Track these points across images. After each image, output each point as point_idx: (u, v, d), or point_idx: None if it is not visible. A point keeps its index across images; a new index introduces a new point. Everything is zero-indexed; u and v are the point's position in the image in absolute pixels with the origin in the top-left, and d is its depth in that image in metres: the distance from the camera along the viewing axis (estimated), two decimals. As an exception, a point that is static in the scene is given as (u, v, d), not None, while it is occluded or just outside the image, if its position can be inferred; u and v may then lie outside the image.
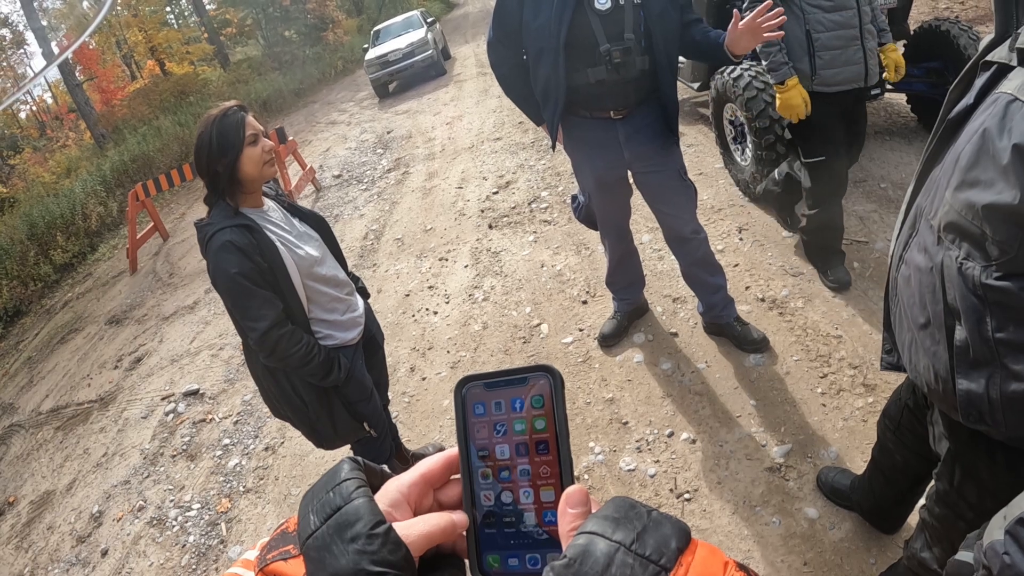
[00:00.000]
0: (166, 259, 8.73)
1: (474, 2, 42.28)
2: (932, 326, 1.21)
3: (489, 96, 10.97)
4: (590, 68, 2.77)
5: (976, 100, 1.16)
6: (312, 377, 2.28)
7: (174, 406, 4.82)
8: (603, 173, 3.07)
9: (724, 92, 4.49)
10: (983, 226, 1.05)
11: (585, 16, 2.71)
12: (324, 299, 2.37)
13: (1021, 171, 0.97)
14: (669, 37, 2.77)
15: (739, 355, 3.29)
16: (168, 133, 15.90)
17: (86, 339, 7.15)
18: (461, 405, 0.55)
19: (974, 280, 1.08)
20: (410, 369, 4.09)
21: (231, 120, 2.14)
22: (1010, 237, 1.01)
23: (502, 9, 2.91)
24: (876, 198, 4.30)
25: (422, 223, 6.45)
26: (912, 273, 1.27)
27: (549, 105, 2.92)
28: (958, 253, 1.12)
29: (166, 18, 30.30)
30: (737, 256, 4.12)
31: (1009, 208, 0.99)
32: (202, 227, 2.15)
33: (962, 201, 1.09)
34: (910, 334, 1.32)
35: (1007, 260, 1.03)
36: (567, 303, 4.22)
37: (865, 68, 3.14)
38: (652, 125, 2.95)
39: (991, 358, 1.10)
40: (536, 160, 7.01)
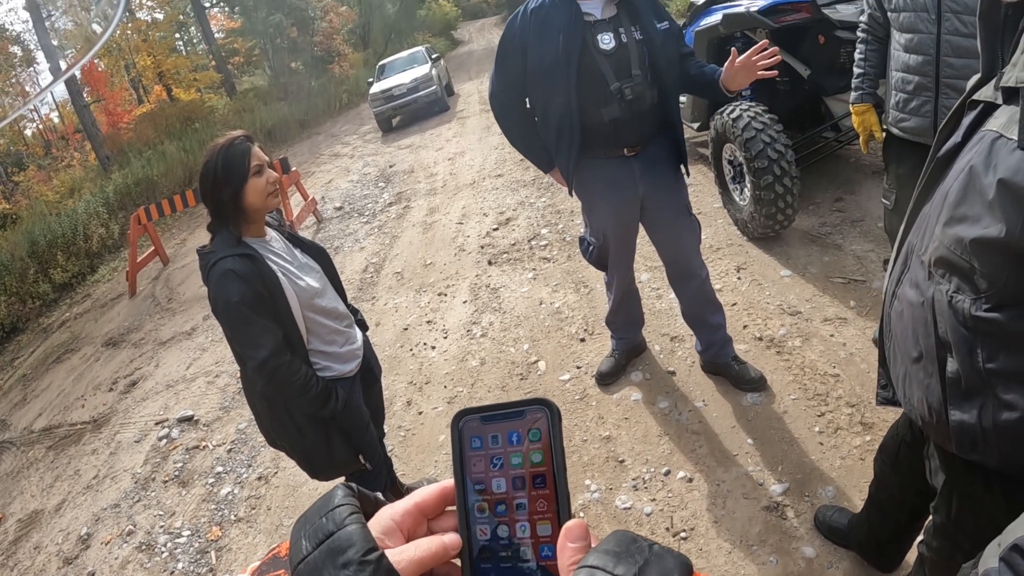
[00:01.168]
0: (166, 284, 8.75)
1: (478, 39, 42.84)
2: (925, 359, 1.25)
3: (491, 133, 11.08)
4: (603, 108, 2.82)
5: (963, 138, 1.20)
6: (309, 407, 2.29)
7: (168, 431, 4.82)
8: (621, 211, 3.10)
9: (723, 132, 4.57)
10: (972, 260, 1.08)
11: (591, 57, 2.78)
12: (323, 330, 2.39)
13: (1007, 205, 1.00)
14: (672, 68, 2.86)
15: (736, 394, 3.32)
16: (172, 158, 15.99)
17: (82, 360, 7.14)
18: (458, 438, 0.55)
19: (964, 312, 1.11)
20: (407, 403, 4.10)
21: (237, 149, 2.17)
22: (997, 270, 1.04)
23: (505, 58, 2.98)
24: (873, 237, 4.36)
25: (422, 258, 6.50)
26: (904, 308, 1.31)
27: (563, 149, 2.95)
28: (948, 287, 1.15)
29: (175, 44, 30.65)
30: (735, 295, 4.17)
31: (996, 242, 1.02)
32: (204, 254, 2.18)
33: (951, 237, 1.13)
34: (903, 368, 1.35)
35: (995, 292, 1.06)
36: (565, 341, 4.25)
37: (934, 126, 2.86)
38: (664, 158, 3.02)
39: (983, 388, 1.13)
40: (536, 197, 7.09)
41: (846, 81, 4.69)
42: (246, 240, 2.21)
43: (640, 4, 2.81)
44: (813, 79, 4.73)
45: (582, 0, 2.80)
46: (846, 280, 3.99)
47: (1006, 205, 1.00)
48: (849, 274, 4.04)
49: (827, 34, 4.56)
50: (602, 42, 2.78)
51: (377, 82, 16.45)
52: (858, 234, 4.46)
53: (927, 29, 2.80)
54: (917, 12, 2.81)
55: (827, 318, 3.70)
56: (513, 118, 3.11)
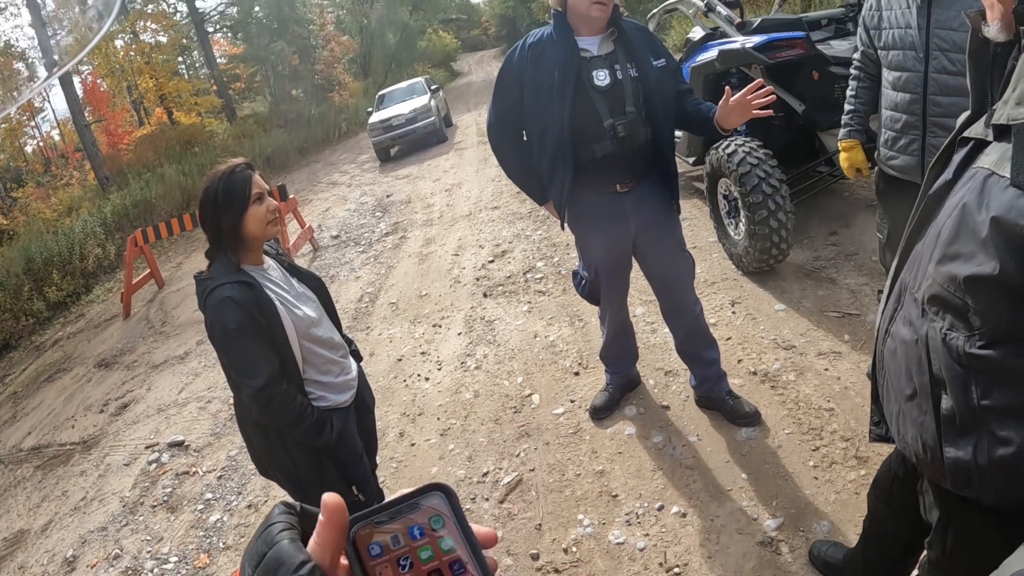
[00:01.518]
0: (160, 307, 8.75)
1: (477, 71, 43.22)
2: (919, 397, 1.25)
3: (488, 165, 11.17)
4: (595, 144, 2.86)
5: (954, 175, 1.21)
6: (304, 437, 2.28)
7: (158, 456, 4.79)
8: (613, 246, 3.14)
9: (719, 167, 4.62)
10: (965, 297, 1.09)
11: (586, 94, 2.82)
12: (319, 360, 2.39)
13: (1000, 243, 1.01)
14: (667, 106, 2.90)
15: (731, 429, 3.33)
16: (171, 181, 16.03)
17: (74, 380, 7.12)
18: (353, 552, 0.50)
19: (958, 350, 1.12)
20: (399, 434, 4.10)
21: (238, 177, 2.18)
22: (991, 307, 1.06)
23: (502, 92, 3.03)
24: (867, 271, 4.41)
25: (417, 288, 6.52)
26: (898, 346, 1.31)
27: (556, 183, 3.00)
28: (942, 324, 1.16)
29: (178, 68, 30.82)
30: (730, 329, 4.20)
31: (990, 279, 1.03)
32: (202, 281, 2.19)
33: (944, 274, 1.14)
34: (897, 405, 1.35)
35: (989, 329, 1.08)
36: (559, 374, 4.26)
37: (922, 165, 2.90)
38: (657, 195, 3.05)
39: (978, 425, 1.13)
40: (532, 230, 7.15)
41: (840, 116, 4.80)
42: (244, 268, 2.22)
43: (637, 41, 2.86)
44: (807, 114, 4.82)
45: (579, 36, 2.85)
46: (840, 314, 4.03)
47: (999, 243, 1.01)
48: (843, 308, 4.08)
49: (821, 70, 4.64)
50: (597, 78, 2.82)
51: (376, 112, 16.59)
52: (852, 268, 4.52)
53: (915, 67, 2.84)
54: (905, 50, 2.86)
55: (821, 352, 3.73)
56: (509, 150, 3.16)
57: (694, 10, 5.80)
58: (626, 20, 2.93)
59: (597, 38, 2.86)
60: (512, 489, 3.35)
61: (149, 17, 26.75)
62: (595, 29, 2.85)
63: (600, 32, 2.86)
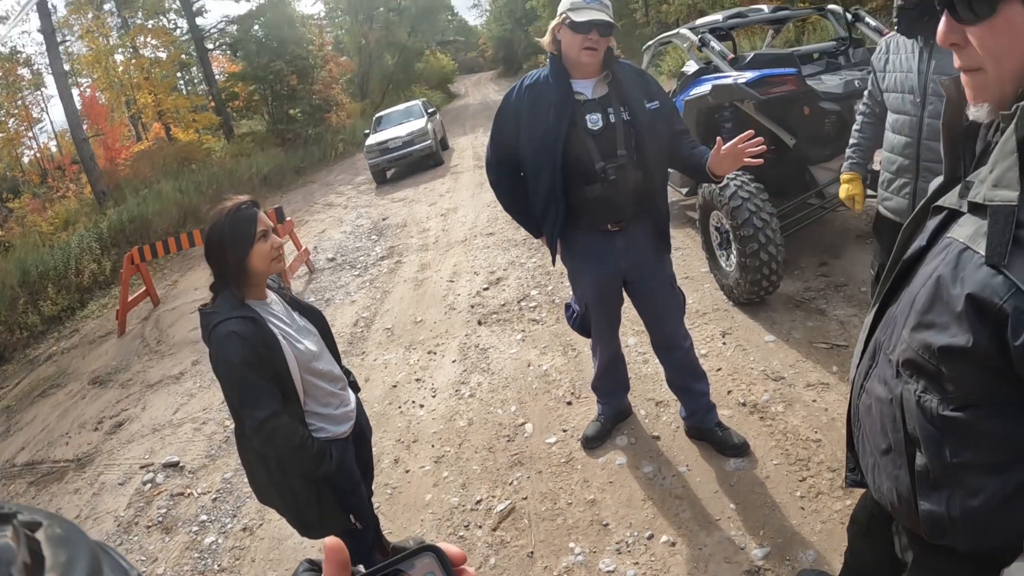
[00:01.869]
0: (155, 325, 8.77)
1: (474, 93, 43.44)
2: (893, 452, 1.29)
3: (484, 190, 11.23)
4: (587, 185, 2.95)
5: (928, 242, 1.25)
6: (304, 468, 2.33)
7: (152, 476, 4.81)
8: (602, 284, 3.23)
9: (711, 200, 4.73)
10: (939, 365, 1.13)
11: (579, 136, 2.90)
12: (320, 393, 2.45)
13: (974, 318, 1.05)
14: (660, 149, 2.98)
15: (720, 459, 3.39)
16: (168, 198, 16.09)
17: (68, 396, 7.14)
18: None
19: (932, 412, 1.16)
20: (394, 461, 4.14)
21: (244, 214, 2.25)
22: (964, 375, 1.10)
23: (499, 131, 3.13)
24: (856, 302, 4.49)
25: (413, 314, 6.57)
26: (873, 403, 1.35)
27: (548, 222, 3.09)
28: (916, 387, 1.20)
29: (177, 84, 30.94)
30: (720, 360, 4.27)
31: (963, 350, 1.07)
32: (207, 314, 2.24)
33: (919, 341, 1.17)
34: (872, 458, 1.39)
35: (961, 394, 1.12)
36: (552, 403, 4.32)
37: (912, 207, 2.90)
38: (647, 235, 3.13)
39: (950, 480, 1.17)
40: (527, 258, 7.22)
41: (830, 150, 4.90)
42: (248, 303, 2.28)
43: (631, 84, 2.94)
44: (799, 148, 4.92)
45: (574, 79, 2.94)
46: (829, 345, 4.11)
47: (973, 318, 1.05)
48: (832, 339, 4.16)
49: (812, 105, 4.73)
50: (590, 122, 2.91)
51: (373, 134, 16.76)
52: (842, 299, 4.61)
53: (912, 112, 2.91)
54: (904, 94, 2.95)
55: (810, 383, 3.80)
56: (506, 186, 3.26)
57: (688, 44, 5.90)
58: (622, 62, 3.02)
59: (591, 81, 2.95)
60: (505, 517, 3.41)
61: (149, 32, 26.96)
62: (589, 73, 2.94)
63: (594, 75, 2.95)
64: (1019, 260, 0.99)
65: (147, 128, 28.29)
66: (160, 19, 27.95)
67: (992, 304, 1.02)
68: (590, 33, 2.78)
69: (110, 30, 26.45)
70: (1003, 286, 1.00)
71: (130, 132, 27.19)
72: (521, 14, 45.90)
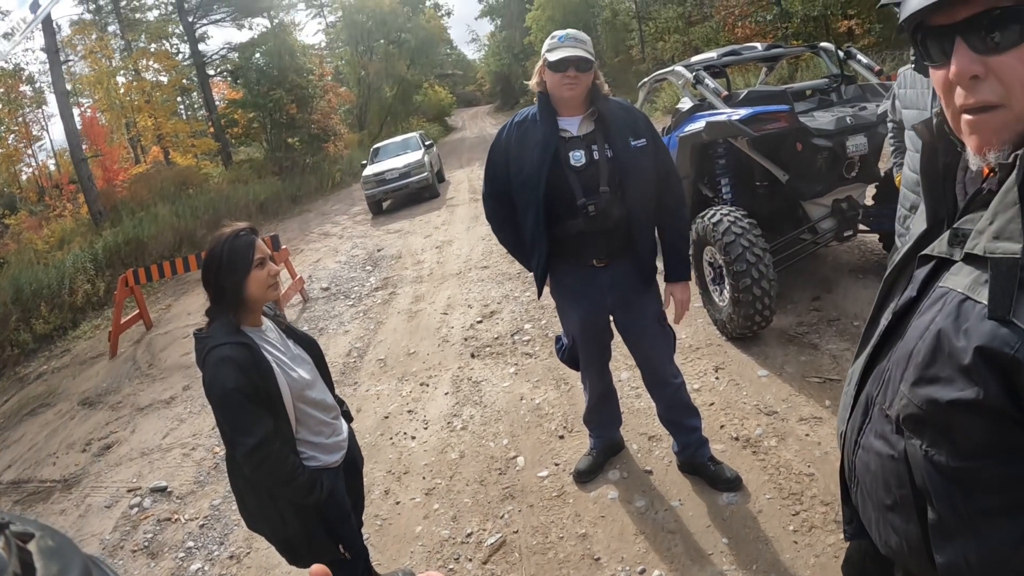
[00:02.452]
0: (147, 348, 8.75)
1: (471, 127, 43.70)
2: (900, 507, 1.25)
3: (479, 223, 11.28)
4: (569, 220, 3.02)
5: (919, 292, 1.22)
6: (294, 496, 2.32)
7: (140, 500, 4.78)
8: (587, 318, 3.27)
9: (704, 235, 4.76)
10: (947, 418, 1.09)
11: (562, 172, 2.98)
12: (312, 422, 2.45)
13: (984, 371, 1.01)
14: (644, 186, 3.03)
15: (712, 493, 3.38)
16: (164, 222, 16.10)
17: (57, 415, 7.11)
18: None
19: (942, 465, 1.12)
20: (384, 492, 4.12)
21: (242, 241, 2.27)
22: (974, 427, 1.06)
23: (492, 167, 3.22)
24: (849, 336, 4.52)
25: (406, 346, 6.57)
26: (871, 459, 1.31)
27: (534, 256, 3.17)
28: (922, 442, 1.15)
29: (177, 108, 31.15)
30: (713, 395, 4.28)
31: (973, 403, 1.04)
32: (202, 339, 2.25)
33: (922, 396, 1.13)
34: (877, 514, 1.34)
35: (972, 445, 1.08)
36: (544, 437, 4.31)
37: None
38: (634, 271, 3.17)
39: (966, 529, 1.13)
40: (521, 292, 7.24)
41: (822, 186, 4.97)
42: (244, 329, 2.29)
43: (617, 121, 3.01)
44: (791, 184, 5.00)
45: (561, 117, 3.02)
46: (822, 379, 4.13)
47: (983, 370, 1.02)
48: (825, 373, 4.19)
49: (805, 141, 4.81)
50: (573, 158, 2.98)
51: (370, 165, 16.87)
52: (834, 333, 4.65)
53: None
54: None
55: (803, 417, 3.81)
56: (501, 220, 3.33)
57: (683, 81, 5.99)
58: (611, 100, 3.09)
59: (577, 119, 3.03)
60: (496, 550, 3.39)
61: (152, 56, 27.20)
62: (575, 110, 3.02)
63: (580, 113, 3.03)
64: None
65: (146, 151, 28.37)
66: (163, 43, 28.27)
67: (1004, 355, 0.99)
68: (567, 71, 2.88)
69: (113, 52, 26.71)
70: (1013, 336, 0.98)
71: (129, 154, 27.23)
72: (519, 49, 46.44)
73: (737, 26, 22.54)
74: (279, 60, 27.08)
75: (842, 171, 4.96)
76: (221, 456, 4.89)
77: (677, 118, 6.19)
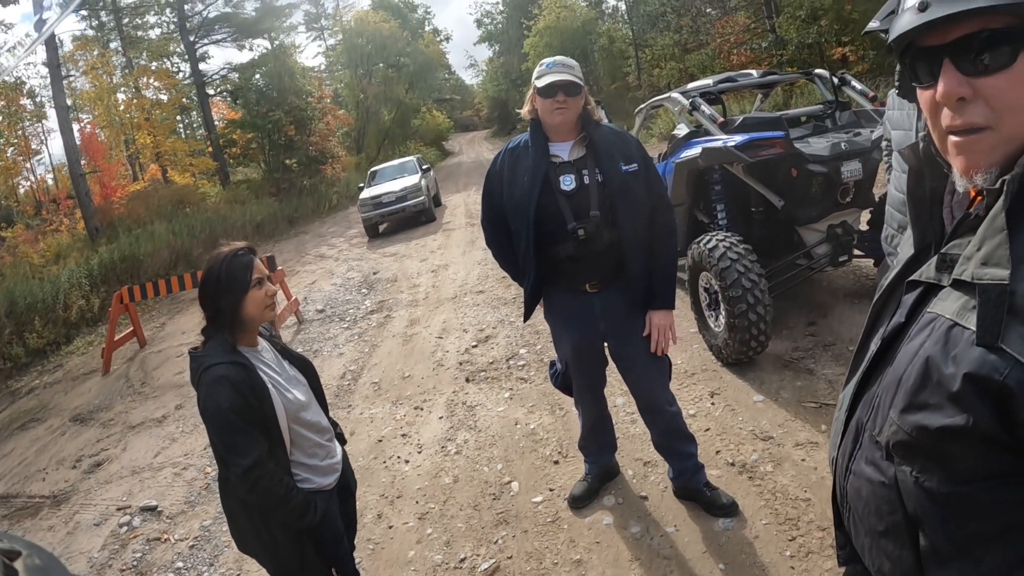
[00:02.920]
0: (141, 366, 8.72)
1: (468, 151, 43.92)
2: (892, 534, 1.25)
3: (475, 248, 11.36)
4: (560, 245, 3.03)
5: (907, 318, 1.22)
6: (287, 518, 2.30)
7: (129, 519, 4.74)
8: (580, 344, 3.28)
9: (700, 261, 4.78)
10: (938, 445, 1.09)
11: (553, 197, 3.00)
12: (306, 444, 2.43)
13: (973, 398, 1.01)
14: (636, 210, 3.03)
15: (708, 519, 3.36)
16: (160, 240, 16.10)
17: (48, 431, 7.08)
18: None
19: (933, 491, 1.12)
20: (377, 516, 4.09)
21: (241, 261, 2.28)
22: (964, 453, 1.06)
23: (488, 193, 3.26)
24: (844, 361, 4.49)
25: (400, 369, 6.54)
26: (863, 485, 1.31)
27: (526, 280, 3.20)
28: (912, 468, 1.16)
29: (176, 127, 31.27)
30: (708, 420, 4.26)
31: (962, 430, 1.04)
32: (197, 357, 2.25)
33: (912, 424, 1.13)
34: (869, 539, 1.34)
35: (962, 471, 1.09)
36: (539, 462, 4.29)
37: None
38: (627, 296, 3.16)
39: (959, 553, 1.14)
40: (516, 317, 7.21)
41: (817, 211, 5.00)
42: (240, 349, 2.28)
43: (607, 146, 3.03)
44: (786, 209, 5.02)
45: (552, 142, 3.05)
46: (818, 404, 4.12)
47: (972, 397, 1.02)
48: (821, 398, 4.18)
49: (800, 167, 4.83)
50: (564, 183, 3.01)
51: (367, 188, 16.94)
52: (830, 358, 4.65)
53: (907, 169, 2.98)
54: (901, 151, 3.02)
55: (799, 442, 3.80)
56: (498, 244, 3.36)
57: (679, 108, 6.01)
58: (602, 125, 3.13)
59: (568, 144, 3.06)
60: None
61: (153, 74, 27.31)
62: (566, 135, 3.06)
63: (571, 138, 3.06)
64: (1015, 333, 0.98)
65: (144, 168, 28.48)
66: (164, 62, 28.40)
67: (993, 381, 0.99)
68: (556, 96, 2.92)
69: (114, 69, 26.89)
70: (1002, 363, 0.98)
71: (127, 171, 27.33)
72: (516, 75, 46.82)
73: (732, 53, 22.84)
74: (279, 81, 27.21)
75: (837, 196, 5.00)
76: (213, 476, 4.85)
77: (673, 144, 6.23)
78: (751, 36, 22.96)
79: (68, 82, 24.09)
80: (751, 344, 4.56)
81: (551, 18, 38.28)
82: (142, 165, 28.67)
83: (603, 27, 39.19)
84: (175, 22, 28.45)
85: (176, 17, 28.28)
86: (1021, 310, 0.97)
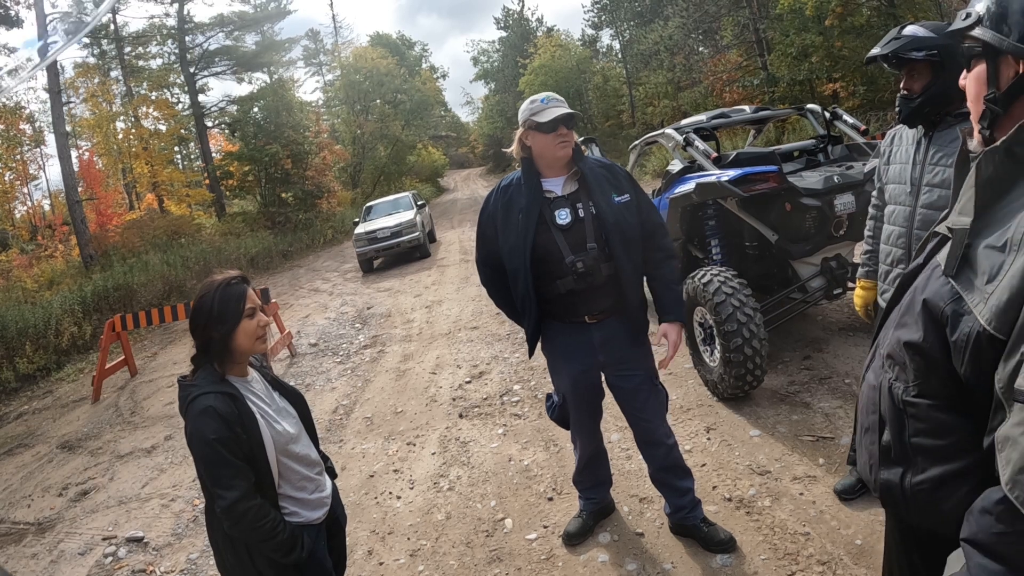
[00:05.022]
0: (131, 396, 8.64)
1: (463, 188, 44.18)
2: (870, 430, 1.50)
3: (469, 284, 11.38)
4: (559, 280, 3.04)
5: (924, 260, 1.47)
6: (274, 553, 2.25)
7: (115, 549, 4.65)
8: (578, 376, 3.27)
9: (694, 296, 4.77)
10: (904, 357, 1.35)
11: (549, 233, 3.02)
12: (295, 477, 2.39)
13: (927, 320, 1.29)
14: (631, 241, 3.06)
15: (706, 556, 3.31)
16: (154, 270, 16.12)
17: (34, 457, 6.99)
18: None
19: (897, 396, 1.37)
20: (367, 552, 4.02)
21: (233, 291, 2.24)
22: (920, 368, 1.32)
23: (482, 234, 3.28)
24: (841, 394, 4.51)
25: (393, 405, 6.49)
26: (865, 390, 1.57)
27: (526, 318, 3.20)
28: (891, 376, 1.42)
29: (173, 157, 31.37)
30: (705, 456, 4.23)
31: (917, 345, 1.31)
32: (186, 386, 2.21)
33: (894, 337, 1.41)
34: (859, 436, 1.59)
35: (919, 383, 1.33)
36: (533, 499, 4.24)
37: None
38: (625, 328, 3.17)
39: (906, 458, 1.37)
40: (511, 352, 7.21)
41: (812, 245, 5.02)
42: (229, 378, 2.25)
43: (599, 179, 3.07)
44: (780, 244, 5.04)
45: (545, 179, 3.08)
46: (815, 438, 4.11)
47: (926, 319, 1.29)
48: (817, 431, 4.17)
49: (793, 201, 4.87)
50: (559, 217, 3.03)
51: (363, 223, 17.06)
52: (826, 391, 4.64)
53: (906, 201, 2.94)
54: (901, 184, 2.98)
55: (796, 476, 3.78)
56: (493, 285, 3.38)
57: (673, 144, 6.07)
58: (590, 159, 3.16)
59: (561, 179, 3.09)
60: (481, 614, 3.32)
61: (152, 104, 27.47)
62: (559, 171, 3.09)
63: (564, 173, 3.10)
64: (964, 273, 1.23)
65: (140, 198, 28.57)
66: (164, 92, 28.58)
67: (938, 307, 1.26)
68: (558, 129, 2.96)
69: (114, 97, 27.07)
70: (949, 293, 1.25)
71: (123, 200, 27.42)
72: (512, 113, 47.21)
73: (725, 91, 23.22)
74: (277, 115, 27.47)
75: (830, 230, 5.04)
76: (201, 508, 4.79)
77: (668, 180, 6.28)
78: (743, 74, 23.34)
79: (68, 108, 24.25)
80: (747, 379, 4.55)
81: (546, 57, 38.88)
82: (138, 194, 28.76)
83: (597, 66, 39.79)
84: (176, 53, 28.76)
85: (177, 48, 28.60)
86: (973, 261, 1.22)
